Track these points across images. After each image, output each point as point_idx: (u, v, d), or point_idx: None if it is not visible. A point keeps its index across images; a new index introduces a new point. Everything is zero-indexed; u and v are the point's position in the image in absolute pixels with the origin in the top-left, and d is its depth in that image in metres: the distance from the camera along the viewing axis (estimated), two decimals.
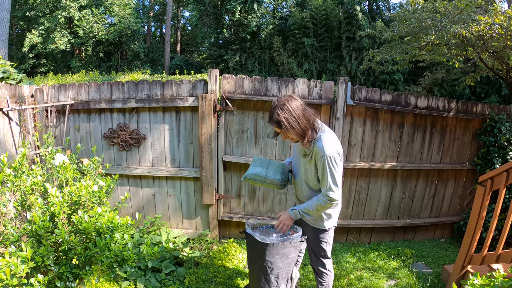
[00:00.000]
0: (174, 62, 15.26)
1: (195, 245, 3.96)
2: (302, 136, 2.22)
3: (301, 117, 2.18)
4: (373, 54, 5.84)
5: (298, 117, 2.17)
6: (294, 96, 2.25)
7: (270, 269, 2.42)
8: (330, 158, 2.22)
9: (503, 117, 4.14)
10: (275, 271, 2.43)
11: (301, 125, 2.18)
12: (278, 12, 14.75)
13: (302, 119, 2.18)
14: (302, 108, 2.20)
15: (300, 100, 2.25)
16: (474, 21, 3.80)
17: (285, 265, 2.45)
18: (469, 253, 3.07)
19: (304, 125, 2.19)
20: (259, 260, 2.44)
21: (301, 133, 2.20)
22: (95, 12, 13.87)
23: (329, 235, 2.56)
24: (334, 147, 2.25)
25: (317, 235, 2.54)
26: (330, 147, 2.24)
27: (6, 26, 9.35)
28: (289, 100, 2.20)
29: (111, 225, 2.29)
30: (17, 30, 17.93)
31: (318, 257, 2.61)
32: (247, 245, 2.66)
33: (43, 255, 2.05)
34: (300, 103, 2.23)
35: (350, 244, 4.27)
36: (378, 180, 4.19)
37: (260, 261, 2.44)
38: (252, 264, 2.59)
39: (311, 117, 2.23)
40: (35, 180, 2.41)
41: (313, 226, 2.52)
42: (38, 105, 3.73)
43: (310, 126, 2.22)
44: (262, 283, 2.47)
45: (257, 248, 2.47)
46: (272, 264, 2.41)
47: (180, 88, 3.84)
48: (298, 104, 2.21)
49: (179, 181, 4.08)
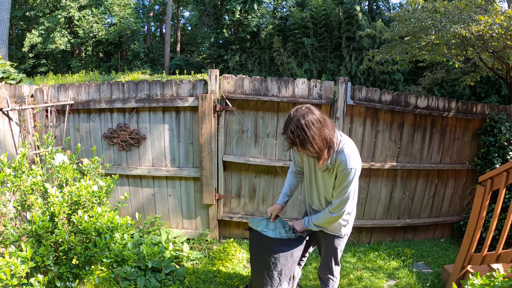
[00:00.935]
0: (174, 62, 15.26)
1: (195, 245, 3.96)
2: (317, 156, 2.04)
3: (317, 137, 1.95)
4: (373, 54, 5.84)
5: (313, 137, 1.94)
6: (313, 110, 2.01)
7: (273, 265, 2.40)
8: (354, 172, 2.09)
9: (503, 117, 4.14)
10: (278, 268, 2.41)
11: (316, 146, 1.97)
12: (278, 12, 14.75)
13: (317, 140, 1.96)
14: (319, 126, 1.96)
15: (319, 113, 2.01)
16: (474, 21, 3.80)
17: (289, 263, 2.44)
18: (469, 253, 3.07)
19: (319, 146, 1.98)
20: (264, 255, 2.43)
21: (316, 154, 2.02)
22: (95, 12, 13.87)
23: (344, 242, 2.51)
24: (357, 159, 2.13)
25: (331, 242, 2.47)
26: (354, 160, 2.09)
27: (6, 26, 9.35)
28: (305, 115, 1.95)
29: (111, 225, 2.29)
30: (17, 30, 17.93)
31: (329, 264, 2.55)
32: (251, 242, 2.64)
33: (43, 255, 2.05)
34: (318, 118, 1.98)
35: (350, 244, 4.27)
36: (378, 180, 4.19)
37: (264, 256, 2.43)
38: (255, 261, 2.58)
39: (328, 135, 2.00)
40: (35, 180, 2.41)
41: (329, 233, 2.45)
42: (38, 105, 3.73)
43: (326, 146, 2.02)
44: (265, 279, 2.45)
45: (261, 244, 2.46)
46: (276, 260, 2.40)
47: (180, 88, 3.84)
48: (316, 119, 1.96)
49: (179, 181, 4.08)
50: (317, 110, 2.03)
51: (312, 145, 1.96)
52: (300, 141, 1.96)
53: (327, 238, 2.48)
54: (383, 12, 13.25)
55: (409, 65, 5.98)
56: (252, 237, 2.59)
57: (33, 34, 13.71)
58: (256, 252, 2.56)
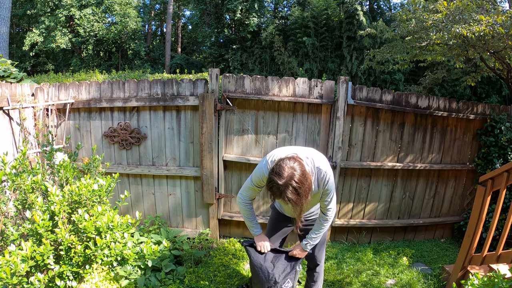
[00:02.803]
0: (175, 61, 15.24)
1: (195, 244, 3.96)
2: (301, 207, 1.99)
3: (308, 191, 1.92)
4: (374, 53, 5.83)
5: (306, 195, 1.91)
6: (294, 166, 1.89)
7: (271, 274, 2.41)
8: (333, 185, 2.17)
9: (504, 117, 4.14)
10: (277, 272, 2.42)
11: (307, 199, 1.94)
12: (279, 11, 14.74)
13: (308, 193, 1.93)
14: (307, 183, 1.91)
15: (298, 165, 1.91)
16: (475, 21, 3.79)
17: (291, 273, 2.44)
18: (469, 253, 3.07)
19: (307, 197, 1.94)
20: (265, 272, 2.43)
21: (304, 206, 1.97)
22: (96, 11, 13.86)
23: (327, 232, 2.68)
24: (326, 163, 2.15)
25: (322, 239, 2.59)
26: (327, 167, 2.12)
27: (6, 24, 9.35)
28: (293, 177, 1.86)
29: (111, 224, 2.29)
30: (18, 29, 17.92)
31: (320, 260, 2.68)
32: (249, 257, 2.56)
33: (43, 254, 2.05)
34: (302, 171, 1.90)
35: (350, 244, 4.27)
36: (378, 180, 4.19)
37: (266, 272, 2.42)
38: (255, 271, 2.55)
39: (311, 181, 1.97)
40: (35, 179, 2.41)
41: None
42: (38, 104, 3.73)
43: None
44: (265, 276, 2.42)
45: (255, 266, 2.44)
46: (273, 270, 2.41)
47: (181, 87, 3.84)
48: (300, 174, 1.89)
49: (179, 180, 4.08)
50: (293, 161, 1.92)
51: (306, 199, 1.92)
52: (295, 203, 1.90)
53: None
54: (384, 11, 13.23)
55: (410, 65, 5.96)
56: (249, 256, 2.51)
57: (33, 33, 13.70)
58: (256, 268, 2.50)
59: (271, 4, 14.76)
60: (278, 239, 2.69)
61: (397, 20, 5.38)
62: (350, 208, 4.23)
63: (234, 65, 12.63)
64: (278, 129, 3.94)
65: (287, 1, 15.50)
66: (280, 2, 15.25)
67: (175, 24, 21.07)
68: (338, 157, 3.89)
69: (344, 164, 3.98)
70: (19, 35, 17.34)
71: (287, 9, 15.19)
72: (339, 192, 4.13)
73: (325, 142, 3.95)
